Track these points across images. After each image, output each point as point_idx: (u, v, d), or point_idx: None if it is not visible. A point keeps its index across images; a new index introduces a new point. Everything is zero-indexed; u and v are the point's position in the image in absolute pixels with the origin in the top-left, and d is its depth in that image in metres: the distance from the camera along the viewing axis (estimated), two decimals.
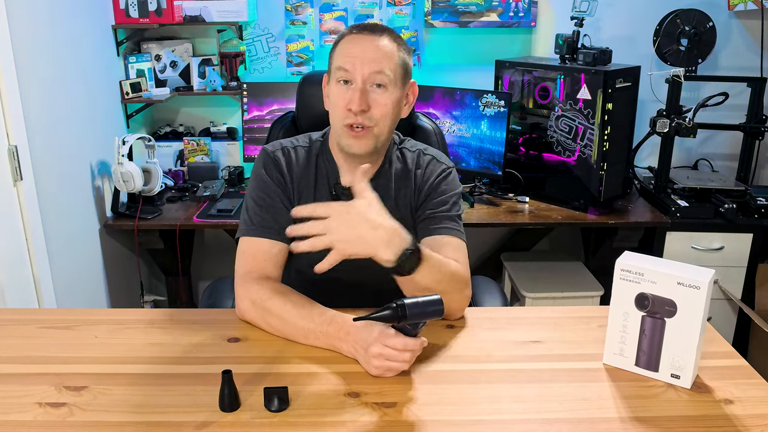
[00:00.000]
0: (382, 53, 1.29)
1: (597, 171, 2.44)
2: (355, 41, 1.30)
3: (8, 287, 1.88)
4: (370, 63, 1.28)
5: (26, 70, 1.97)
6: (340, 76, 1.30)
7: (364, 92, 1.28)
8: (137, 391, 1.04)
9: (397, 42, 1.33)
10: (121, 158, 2.38)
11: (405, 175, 1.43)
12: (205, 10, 2.67)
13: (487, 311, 1.48)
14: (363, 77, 1.28)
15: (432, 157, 1.44)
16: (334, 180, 1.40)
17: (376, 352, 1.06)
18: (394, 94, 1.31)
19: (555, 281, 2.69)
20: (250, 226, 1.35)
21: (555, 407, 1.01)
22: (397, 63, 1.31)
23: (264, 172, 1.38)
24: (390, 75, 1.29)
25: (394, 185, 1.42)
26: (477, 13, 2.77)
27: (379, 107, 1.29)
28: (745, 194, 2.55)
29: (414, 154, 1.45)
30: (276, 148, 1.41)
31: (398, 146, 1.46)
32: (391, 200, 1.41)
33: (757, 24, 2.74)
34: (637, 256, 1.09)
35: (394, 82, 1.31)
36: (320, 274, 1.39)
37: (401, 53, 1.33)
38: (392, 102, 1.31)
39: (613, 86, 2.36)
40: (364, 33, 1.31)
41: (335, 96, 1.32)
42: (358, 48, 1.29)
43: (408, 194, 1.42)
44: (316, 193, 1.40)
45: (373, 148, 1.33)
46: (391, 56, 1.30)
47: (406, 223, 1.41)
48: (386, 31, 1.33)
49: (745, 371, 1.12)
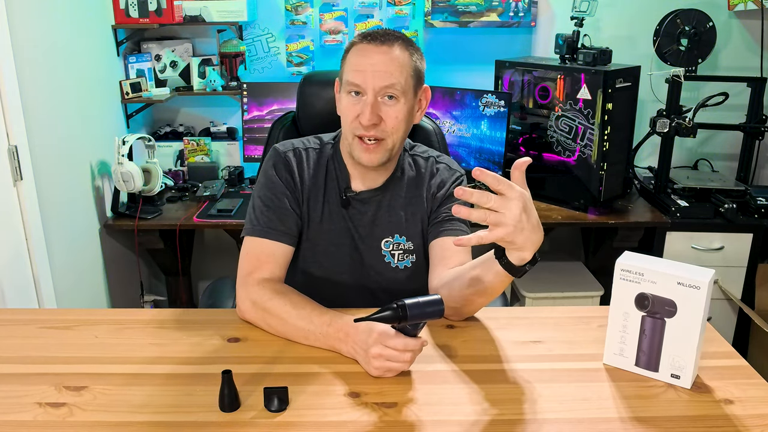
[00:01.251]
0: (394, 65, 1.25)
1: (597, 171, 2.44)
2: (365, 53, 1.26)
3: (8, 287, 1.88)
4: (382, 77, 1.24)
5: (26, 70, 1.97)
6: (351, 89, 1.27)
7: (375, 106, 1.25)
8: (137, 391, 1.04)
9: (409, 50, 1.29)
10: (121, 158, 2.38)
11: (418, 183, 1.41)
12: (205, 10, 2.67)
13: (487, 311, 1.48)
14: (374, 91, 1.25)
15: (446, 165, 1.44)
16: (345, 185, 1.39)
17: (377, 353, 1.06)
18: (407, 105, 1.28)
19: (555, 281, 2.69)
20: (255, 226, 1.34)
21: (555, 407, 1.01)
22: (409, 73, 1.27)
23: (274, 172, 1.37)
24: (401, 87, 1.26)
25: (405, 193, 1.41)
26: (477, 13, 2.77)
27: (391, 119, 1.27)
28: (745, 194, 2.55)
29: (427, 163, 1.43)
30: (287, 149, 1.39)
31: (409, 152, 1.44)
32: (401, 208, 1.40)
33: (757, 24, 2.74)
34: (637, 256, 1.09)
35: (406, 92, 1.28)
36: (324, 275, 1.40)
37: (414, 61, 1.29)
38: (404, 113, 1.28)
39: (613, 86, 2.36)
40: (375, 44, 1.26)
41: (346, 106, 1.29)
42: (368, 61, 1.25)
43: (420, 202, 1.41)
44: (325, 197, 1.39)
45: (385, 160, 1.32)
46: (403, 67, 1.26)
47: (417, 229, 1.41)
48: (398, 40, 1.28)
49: (745, 371, 1.12)
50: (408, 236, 1.40)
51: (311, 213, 1.38)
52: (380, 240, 1.39)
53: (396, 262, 1.40)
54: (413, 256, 1.41)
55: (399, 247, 1.40)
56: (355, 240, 1.39)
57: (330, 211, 1.38)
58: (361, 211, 1.39)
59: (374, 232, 1.39)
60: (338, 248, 1.39)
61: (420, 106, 1.36)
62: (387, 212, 1.39)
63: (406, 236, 1.40)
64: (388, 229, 1.40)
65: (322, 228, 1.38)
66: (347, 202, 1.38)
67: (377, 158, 1.30)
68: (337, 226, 1.39)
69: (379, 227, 1.39)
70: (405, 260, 1.40)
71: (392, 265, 1.40)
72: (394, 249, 1.40)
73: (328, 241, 1.39)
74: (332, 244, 1.39)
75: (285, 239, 1.33)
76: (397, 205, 1.40)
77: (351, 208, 1.39)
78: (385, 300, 1.42)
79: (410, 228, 1.40)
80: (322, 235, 1.39)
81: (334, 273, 1.40)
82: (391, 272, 1.40)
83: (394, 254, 1.40)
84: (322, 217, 1.38)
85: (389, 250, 1.40)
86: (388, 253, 1.40)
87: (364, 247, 1.39)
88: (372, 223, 1.39)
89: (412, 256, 1.41)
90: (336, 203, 1.38)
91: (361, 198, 1.39)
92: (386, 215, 1.40)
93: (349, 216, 1.39)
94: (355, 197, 1.39)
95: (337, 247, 1.39)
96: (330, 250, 1.39)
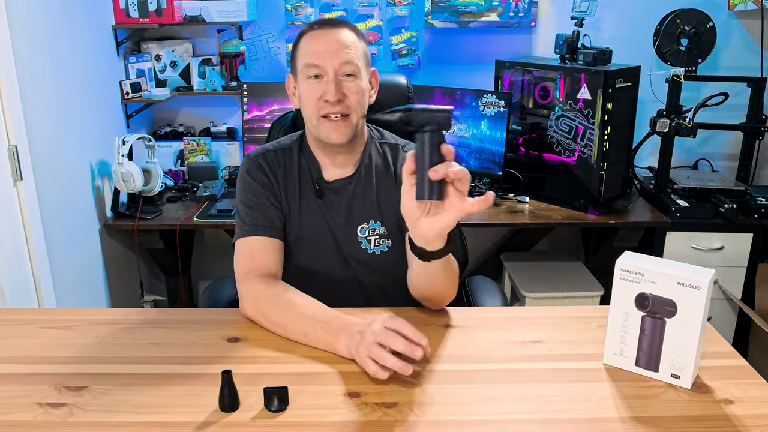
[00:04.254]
0: (347, 44, 1.34)
1: (597, 171, 2.44)
2: (317, 36, 1.35)
3: (8, 287, 1.88)
4: (339, 55, 1.32)
5: (26, 70, 1.97)
6: (311, 72, 1.33)
7: (338, 83, 1.32)
8: (137, 391, 1.04)
9: (355, 33, 1.38)
10: (121, 158, 2.38)
11: (387, 168, 1.45)
12: (205, 10, 2.67)
13: (487, 311, 1.48)
14: (334, 69, 1.32)
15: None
16: (317, 176, 1.43)
17: (376, 328, 1.06)
18: (363, 82, 1.37)
19: (555, 281, 2.69)
20: (243, 228, 1.38)
21: (555, 407, 1.01)
22: (361, 51, 1.37)
23: (248, 176, 1.42)
24: (358, 64, 1.34)
25: (375, 180, 1.44)
26: (477, 13, 2.77)
27: (353, 94, 1.34)
28: (745, 194, 2.55)
29: (395, 149, 1.47)
30: (258, 154, 1.45)
31: (378, 140, 1.49)
32: (373, 193, 1.43)
33: (757, 24, 2.74)
34: (637, 256, 1.09)
35: (361, 70, 1.36)
36: (312, 269, 1.41)
37: (362, 43, 1.39)
38: (363, 89, 1.36)
39: (613, 86, 2.36)
40: (325, 28, 1.36)
41: (307, 92, 1.35)
42: (322, 42, 1.33)
43: (390, 186, 1.43)
44: (300, 191, 1.42)
45: (351, 136, 1.37)
46: (356, 46, 1.35)
47: (390, 213, 1.42)
48: (345, 24, 1.38)
49: (745, 371, 1.12)
50: (382, 221, 1.43)
51: (291, 208, 1.42)
52: (356, 227, 1.42)
53: (372, 248, 1.42)
54: (389, 240, 1.43)
55: (374, 232, 1.42)
56: (333, 230, 1.42)
57: (307, 203, 1.42)
58: (336, 201, 1.42)
59: (350, 221, 1.42)
60: (320, 239, 1.42)
61: (372, 86, 1.43)
62: (361, 198, 1.43)
63: (381, 221, 1.43)
64: (363, 215, 1.43)
65: (301, 222, 1.42)
66: (321, 192, 1.42)
67: (345, 133, 1.35)
68: (315, 217, 1.42)
69: (353, 215, 1.42)
70: (381, 245, 1.42)
71: (369, 251, 1.42)
72: (370, 235, 1.42)
73: (310, 233, 1.42)
74: (314, 237, 1.42)
75: (273, 233, 1.37)
76: (370, 190, 1.43)
77: (326, 198, 1.42)
78: (374, 290, 1.43)
79: (384, 212, 1.43)
80: (303, 229, 1.42)
81: (321, 266, 1.42)
82: (369, 258, 1.42)
83: (370, 240, 1.42)
84: (300, 211, 1.42)
85: (365, 236, 1.42)
86: (365, 239, 1.42)
87: (341, 236, 1.42)
88: (347, 211, 1.42)
89: (387, 240, 1.43)
90: (311, 195, 1.42)
91: (334, 187, 1.42)
92: (360, 201, 1.43)
93: (325, 206, 1.42)
94: (328, 186, 1.43)
95: (319, 238, 1.42)
96: (313, 243, 1.42)
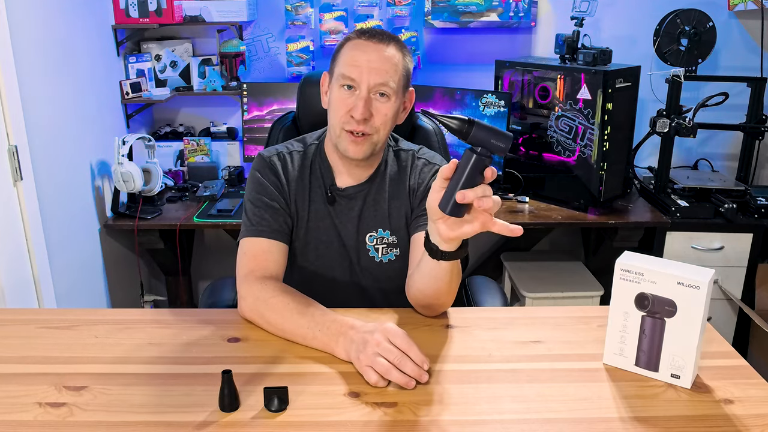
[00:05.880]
0: (389, 64, 1.29)
1: (597, 171, 2.44)
2: (361, 48, 1.30)
3: (8, 287, 1.88)
4: (377, 74, 1.28)
5: (26, 70, 1.97)
6: (345, 82, 1.30)
7: (368, 101, 1.29)
8: (137, 391, 1.04)
9: (402, 52, 1.33)
10: (121, 158, 2.38)
11: (401, 176, 1.44)
12: (205, 10, 2.67)
13: (487, 311, 1.48)
14: (368, 86, 1.28)
15: (426, 160, 1.45)
16: (330, 182, 1.41)
17: (377, 340, 1.05)
18: (396, 104, 1.32)
19: (555, 281, 2.69)
20: (249, 227, 1.36)
21: (555, 407, 1.01)
22: (401, 74, 1.32)
23: (260, 175, 1.40)
24: (394, 86, 1.30)
25: (388, 187, 1.43)
26: (477, 13, 2.77)
27: (381, 116, 1.30)
28: (745, 194, 2.55)
29: (409, 157, 1.46)
30: (272, 154, 1.43)
31: (393, 148, 1.47)
32: (385, 202, 1.42)
33: (757, 24, 2.74)
34: (637, 256, 1.09)
35: (397, 92, 1.32)
36: (316, 273, 1.41)
37: (406, 63, 1.34)
38: (393, 111, 1.32)
39: (613, 86, 2.36)
40: (372, 41, 1.30)
41: (337, 99, 1.32)
42: (364, 57, 1.29)
43: (403, 195, 1.43)
44: (311, 196, 1.41)
45: (369, 154, 1.35)
46: (397, 67, 1.30)
47: (401, 223, 1.42)
48: (393, 40, 1.33)
49: (745, 371, 1.12)
50: (392, 230, 1.42)
51: (299, 212, 1.41)
52: (365, 235, 1.42)
53: (380, 257, 1.42)
54: (397, 249, 1.42)
55: (383, 241, 1.42)
56: (342, 237, 1.41)
57: (316, 209, 1.41)
58: (347, 207, 1.41)
59: (360, 228, 1.42)
60: (327, 246, 1.41)
61: (404, 107, 1.39)
62: (372, 207, 1.42)
63: (390, 230, 1.42)
64: (373, 223, 1.42)
65: (309, 227, 1.41)
66: (333, 199, 1.41)
67: (363, 151, 1.33)
68: (324, 224, 1.41)
69: (364, 222, 1.42)
70: (389, 254, 1.42)
71: (376, 259, 1.42)
72: (378, 243, 1.42)
73: (317, 239, 1.41)
74: (321, 243, 1.41)
75: (279, 237, 1.36)
76: (382, 199, 1.42)
77: (337, 204, 1.41)
78: (377, 295, 1.43)
79: (394, 222, 1.42)
80: (310, 234, 1.41)
81: (326, 271, 1.42)
82: (376, 267, 1.42)
83: (378, 248, 1.42)
84: (309, 215, 1.41)
85: (373, 244, 1.42)
86: (372, 247, 1.42)
87: (350, 243, 1.42)
88: (357, 219, 1.41)
89: (396, 249, 1.42)
90: (322, 201, 1.41)
91: (347, 194, 1.41)
92: (371, 210, 1.42)
93: (335, 213, 1.41)
94: (341, 193, 1.41)
95: (326, 245, 1.41)
96: (319, 249, 1.42)
